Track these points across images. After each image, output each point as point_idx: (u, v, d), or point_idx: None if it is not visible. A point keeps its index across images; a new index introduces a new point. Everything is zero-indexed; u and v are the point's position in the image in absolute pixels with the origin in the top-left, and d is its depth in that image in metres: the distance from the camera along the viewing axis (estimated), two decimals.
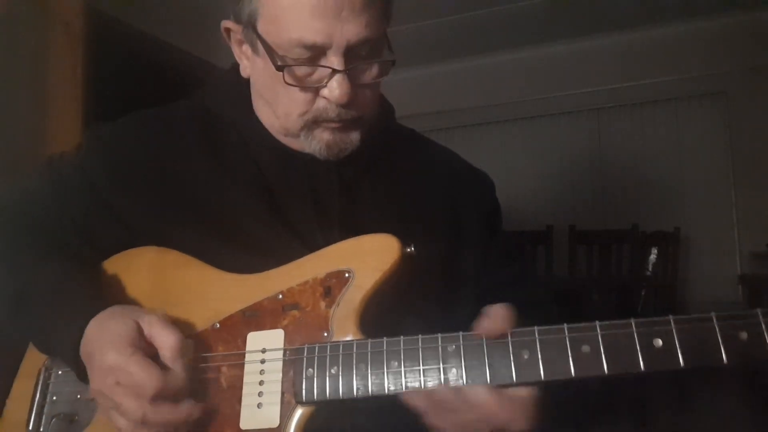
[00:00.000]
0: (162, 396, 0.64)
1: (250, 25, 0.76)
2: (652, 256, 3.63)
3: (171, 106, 0.91)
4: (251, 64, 0.81)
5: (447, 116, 4.88)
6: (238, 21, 0.78)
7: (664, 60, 4.31)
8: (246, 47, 0.80)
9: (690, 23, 4.18)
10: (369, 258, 0.71)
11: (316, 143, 0.78)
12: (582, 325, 0.61)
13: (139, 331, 0.67)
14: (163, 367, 0.66)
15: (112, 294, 0.78)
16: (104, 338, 0.67)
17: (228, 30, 0.82)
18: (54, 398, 0.77)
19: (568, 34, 4.38)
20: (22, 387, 0.79)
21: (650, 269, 3.61)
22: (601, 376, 0.59)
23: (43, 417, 0.76)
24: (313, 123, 0.77)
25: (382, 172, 0.87)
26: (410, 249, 0.71)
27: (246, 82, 0.86)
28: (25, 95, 2.41)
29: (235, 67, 0.85)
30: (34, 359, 0.80)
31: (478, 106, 4.83)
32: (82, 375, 0.71)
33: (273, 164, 0.83)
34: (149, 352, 0.67)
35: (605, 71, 4.46)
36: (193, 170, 0.82)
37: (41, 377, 0.78)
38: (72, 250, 0.81)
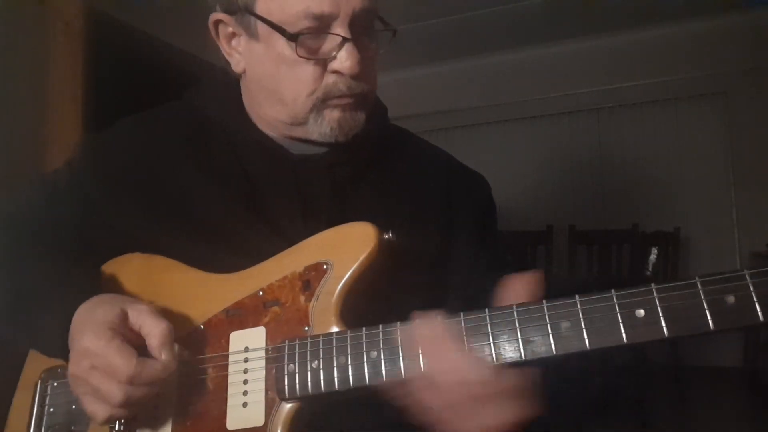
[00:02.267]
0: (138, 383, 0.63)
1: (246, 11, 0.75)
2: (652, 256, 3.61)
3: (161, 108, 0.90)
4: (247, 55, 0.80)
5: (447, 116, 4.88)
6: (229, 11, 0.78)
7: (664, 60, 4.29)
8: (237, 41, 0.79)
9: (690, 23, 4.17)
10: (346, 247, 0.70)
11: (326, 124, 0.77)
12: (561, 300, 0.59)
13: (124, 317, 0.67)
14: (146, 355, 0.65)
15: None
16: (87, 322, 0.67)
17: (217, 24, 0.80)
18: (51, 410, 0.77)
19: (568, 34, 4.37)
20: (21, 399, 0.79)
21: (650, 269, 3.59)
22: (583, 352, 0.57)
23: (42, 428, 0.76)
24: (323, 102, 0.76)
25: (375, 173, 0.86)
26: (388, 235, 0.70)
27: (236, 83, 0.85)
28: (25, 95, 2.42)
29: (225, 68, 0.83)
30: (32, 371, 0.80)
31: (478, 106, 4.82)
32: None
33: (263, 165, 0.82)
34: (134, 340, 0.66)
35: (605, 71, 4.45)
36: (181, 173, 0.82)
37: (38, 389, 0.78)
38: (68, 255, 0.80)
